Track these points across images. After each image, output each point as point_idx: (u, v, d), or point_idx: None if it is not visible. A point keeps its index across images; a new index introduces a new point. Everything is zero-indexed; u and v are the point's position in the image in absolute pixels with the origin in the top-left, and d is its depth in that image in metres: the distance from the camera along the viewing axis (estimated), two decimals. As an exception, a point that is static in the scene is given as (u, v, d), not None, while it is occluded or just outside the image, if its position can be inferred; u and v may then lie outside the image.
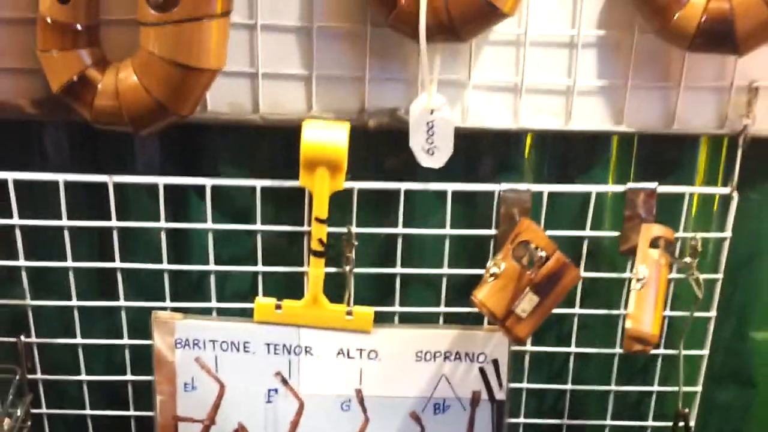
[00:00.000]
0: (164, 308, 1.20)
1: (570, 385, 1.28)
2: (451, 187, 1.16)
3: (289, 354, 1.19)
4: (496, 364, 1.21)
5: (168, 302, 1.20)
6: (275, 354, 1.19)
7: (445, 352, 1.20)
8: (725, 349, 1.31)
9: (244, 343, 1.19)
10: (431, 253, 1.21)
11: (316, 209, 1.11)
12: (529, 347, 1.25)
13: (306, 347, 1.19)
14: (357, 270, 1.17)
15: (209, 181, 1.15)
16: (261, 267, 1.19)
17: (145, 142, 1.18)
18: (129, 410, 1.27)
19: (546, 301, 1.06)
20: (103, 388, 1.28)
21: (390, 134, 1.14)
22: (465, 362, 1.21)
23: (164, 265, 1.19)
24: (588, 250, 1.20)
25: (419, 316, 1.23)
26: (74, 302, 1.20)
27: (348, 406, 1.22)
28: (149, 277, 1.21)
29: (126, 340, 1.23)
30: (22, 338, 1.20)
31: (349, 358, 1.20)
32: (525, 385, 1.26)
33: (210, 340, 1.19)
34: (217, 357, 1.20)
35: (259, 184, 1.15)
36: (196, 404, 1.22)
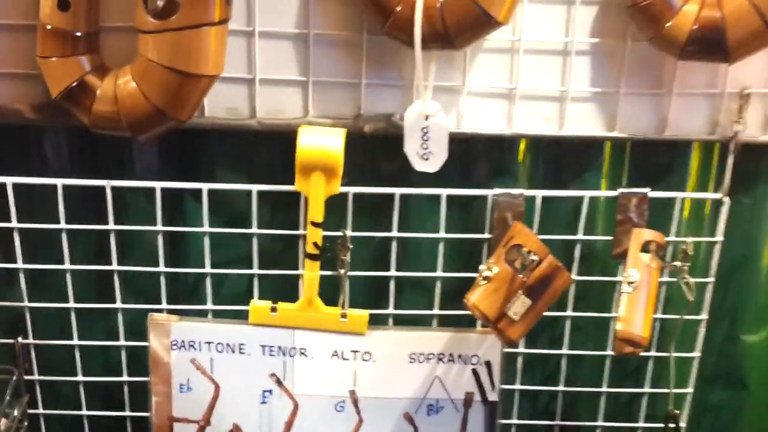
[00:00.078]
0: (160, 310, 1.20)
1: (562, 387, 1.28)
2: (445, 192, 1.16)
3: (284, 356, 1.19)
4: (488, 365, 1.21)
5: (164, 304, 1.21)
6: (270, 355, 1.19)
7: (439, 354, 1.20)
8: (717, 352, 1.32)
9: (240, 344, 1.19)
10: (425, 257, 1.22)
11: (312, 213, 1.11)
12: (521, 349, 1.25)
13: (301, 349, 1.19)
14: (352, 273, 1.17)
15: (206, 186, 1.15)
16: (257, 270, 1.20)
17: (144, 147, 1.19)
18: (125, 411, 1.27)
19: (538, 304, 1.06)
20: (100, 389, 1.28)
21: (385, 139, 1.14)
22: (458, 364, 1.21)
23: (161, 268, 1.19)
24: (581, 254, 1.21)
25: (413, 319, 1.23)
26: (71, 304, 1.20)
27: (342, 407, 1.22)
28: (146, 280, 1.21)
29: (122, 342, 1.23)
30: (20, 339, 1.21)
31: (344, 359, 1.20)
32: (517, 387, 1.26)
33: (205, 342, 1.19)
34: (212, 358, 1.20)
35: (255, 188, 1.15)
36: (192, 405, 1.22)
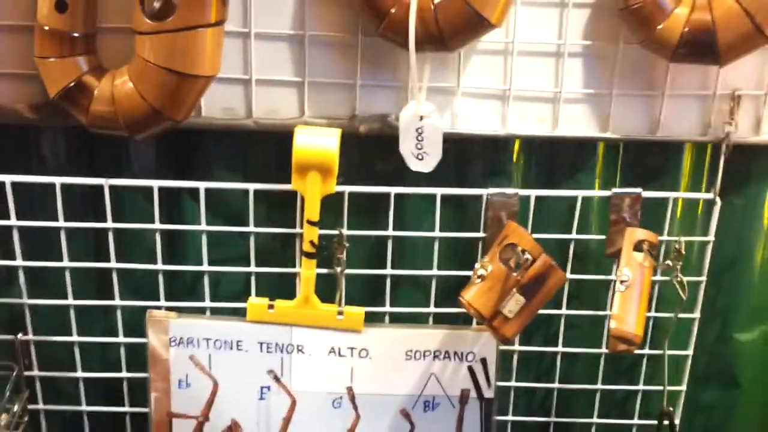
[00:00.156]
0: (159, 308, 1.20)
1: (557, 384, 1.28)
2: (440, 191, 1.16)
3: (282, 352, 1.20)
4: (484, 363, 1.21)
5: (163, 302, 1.21)
6: (268, 352, 1.20)
7: (435, 351, 1.20)
8: (709, 350, 1.32)
9: (237, 341, 1.19)
10: (421, 255, 1.22)
11: (308, 212, 1.12)
12: (517, 347, 1.25)
13: (298, 346, 1.19)
14: (348, 271, 1.17)
15: (203, 184, 1.15)
16: (254, 268, 1.20)
17: (141, 147, 1.19)
18: (124, 407, 1.27)
19: (532, 302, 1.06)
20: (99, 385, 1.28)
21: (381, 139, 1.15)
22: (454, 361, 1.21)
23: (159, 266, 1.19)
24: (575, 253, 1.21)
25: (409, 317, 1.23)
26: (71, 301, 1.20)
27: (339, 403, 1.22)
28: (144, 278, 1.21)
29: (121, 339, 1.23)
30: (20, 336, 1.21)
31: (341, 356, 1.20)
32: (513, 384, 1.27)
33: (204, 339, 1.19)
34: (210, 355, 1.20)
35: (252, 187, 1.15)
36: (190, 401, 1.22)
